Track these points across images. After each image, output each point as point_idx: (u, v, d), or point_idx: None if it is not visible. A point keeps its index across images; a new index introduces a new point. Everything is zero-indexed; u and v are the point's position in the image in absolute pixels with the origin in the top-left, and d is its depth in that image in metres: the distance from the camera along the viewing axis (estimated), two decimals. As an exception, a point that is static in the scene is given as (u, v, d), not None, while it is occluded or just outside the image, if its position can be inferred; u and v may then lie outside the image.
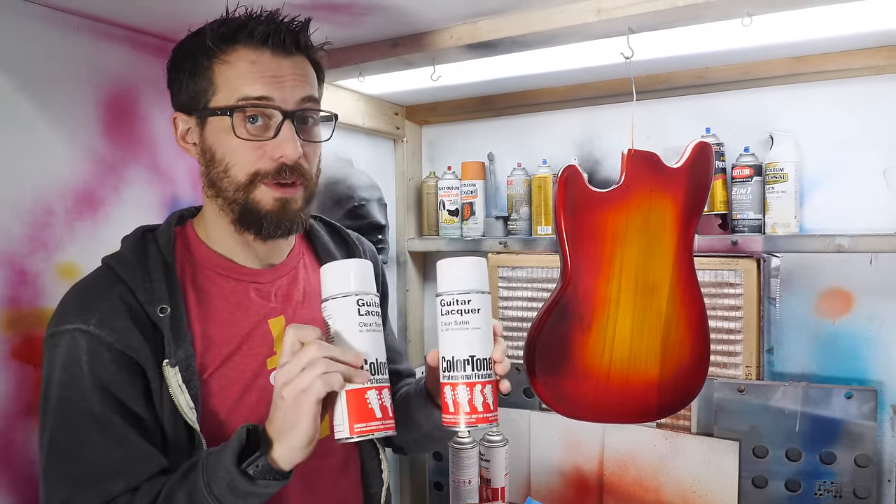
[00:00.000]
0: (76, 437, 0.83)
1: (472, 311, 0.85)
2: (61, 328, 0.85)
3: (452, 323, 0.85)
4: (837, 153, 1.56)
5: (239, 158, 0.89)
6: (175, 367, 0.86)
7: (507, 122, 1.96)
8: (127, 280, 0.88)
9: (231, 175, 0.90)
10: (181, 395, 0.85)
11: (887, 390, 1.51)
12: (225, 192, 0.91)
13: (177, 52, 0.94)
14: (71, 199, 1.15)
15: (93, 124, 1.19)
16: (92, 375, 0.83)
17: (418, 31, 1.32)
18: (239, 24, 0.89)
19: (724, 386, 1.49)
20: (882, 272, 1.53)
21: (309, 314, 1.02)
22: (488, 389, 0.85)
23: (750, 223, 1.54)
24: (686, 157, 1.19)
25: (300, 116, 0.91)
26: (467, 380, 0.84)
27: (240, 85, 0.88)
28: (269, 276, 0.99)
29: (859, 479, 1.40)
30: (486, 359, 0.85)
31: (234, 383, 0.92)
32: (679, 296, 1.19)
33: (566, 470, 1.66)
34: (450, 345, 0.85)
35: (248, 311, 0.96)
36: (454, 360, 0.85)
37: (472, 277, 0.86)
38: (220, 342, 0.92)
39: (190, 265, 0.95)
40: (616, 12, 1.15)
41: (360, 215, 1.64)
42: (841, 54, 1.47)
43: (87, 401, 0.83)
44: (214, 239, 0.96)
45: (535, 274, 1.76)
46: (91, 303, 0.86)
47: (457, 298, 0.84)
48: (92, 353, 0.84)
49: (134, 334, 0.85)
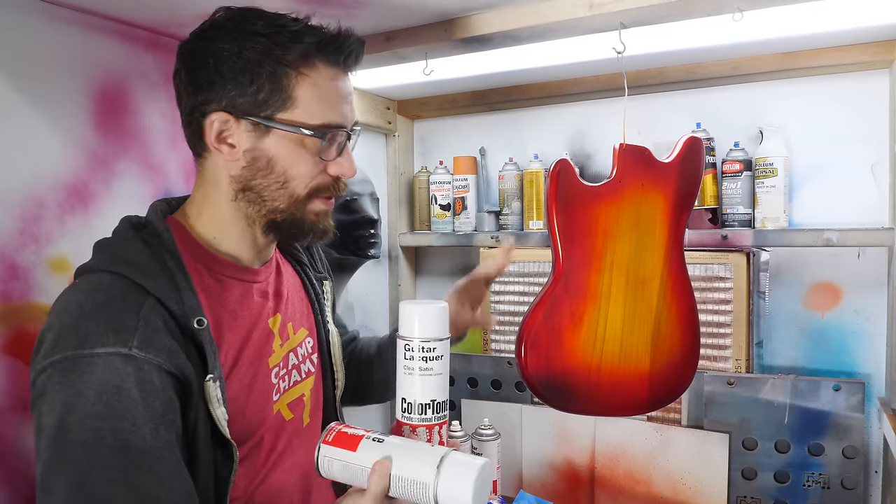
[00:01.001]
0: (110, 475, 0.74)
1: (434, 358, 0.87)
2: (88, 352, 0.75)
3: (416, 369, 0.87)
4: (826, 148, 1.57)
5: (301, 173, 0.89)
6: (216, 381, 0.83)
7: (499, 116, 1.96)
8: (153, 291, 0.80)
9: (290, 188, 0.89)
10: (219, 409, 0.83)
11: (874, 383, 1.53)
12: (273, 202, 0.89)
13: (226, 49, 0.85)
14: (62, 193, 1.14)
15: (84, 117, 1.18)
16: (143, 404, 0.75)
17: (411, 24, 1.32)
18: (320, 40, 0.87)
19: (714, 379, 1.50)
20: (870, 266, 1.54)
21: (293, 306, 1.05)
22: (444, 429, 0.90)
23: (740, 217, 1.55)
24: (677, 152, 1.19)
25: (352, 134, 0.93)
26: (426, 422, 0.88)
27: (324, 108, 0.88)
28: (264, 274, 0.99)
29: (847, 471, 1.41)
30: (444, 402, 0.89)
31: (243, 386, 0.91)
32: (670, 289, 1.20)
33: (558, 463, 1.67)
34: (410, 389, 0.88)
35: (254, 313, 0.95)
36: (415, 403, 0.88)
37: (436, 326, 0.88)
38: (232, 347, 0.90)
39: (196, 268, 0.89)
40: (608, 7, 1.16)
41: (353, 210, 1.64)
42: (831, 50, 1.48)
43: (131, 433, 0.75)
44: (224, 241, 0.93)
45: (527, 268, 1.77)
46: (123, 321, 0.77)
47: (421, 346, 0.87)
48: (141, 378, 0.76)
49: (179, 353, 0.80)
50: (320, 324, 1.10)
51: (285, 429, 0.98)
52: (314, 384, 1.07)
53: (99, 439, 0.74)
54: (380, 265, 2.02)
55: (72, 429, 0.74)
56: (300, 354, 1.03)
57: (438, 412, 0.88)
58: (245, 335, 0.92)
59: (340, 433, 0.84)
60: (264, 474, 0.95)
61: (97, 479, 0.74)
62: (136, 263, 0.83)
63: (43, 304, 1.10)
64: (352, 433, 0.83)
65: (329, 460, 0.82)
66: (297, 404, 1.01)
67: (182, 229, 0.92)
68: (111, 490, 0.74)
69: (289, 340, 1.01)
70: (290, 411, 1.00)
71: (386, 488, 0.77)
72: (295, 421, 1.00)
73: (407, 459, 0.79)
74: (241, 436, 0.89)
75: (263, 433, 0.94)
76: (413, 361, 0.87)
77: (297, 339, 1.03)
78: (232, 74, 0.85)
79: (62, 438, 0.74)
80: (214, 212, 0.92)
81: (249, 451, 0.93)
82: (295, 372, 1.02)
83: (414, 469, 0.78)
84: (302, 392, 1.03)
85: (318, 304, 1.11)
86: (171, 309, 0.81)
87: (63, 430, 0.74)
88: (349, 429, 0.84)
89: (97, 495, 0.74)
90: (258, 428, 0.93)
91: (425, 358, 0.87)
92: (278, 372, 0.97)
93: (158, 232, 0.87)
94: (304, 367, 1.04)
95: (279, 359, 0.98)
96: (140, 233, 0.88)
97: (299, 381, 1.02)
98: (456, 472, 0.77)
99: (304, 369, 1.04)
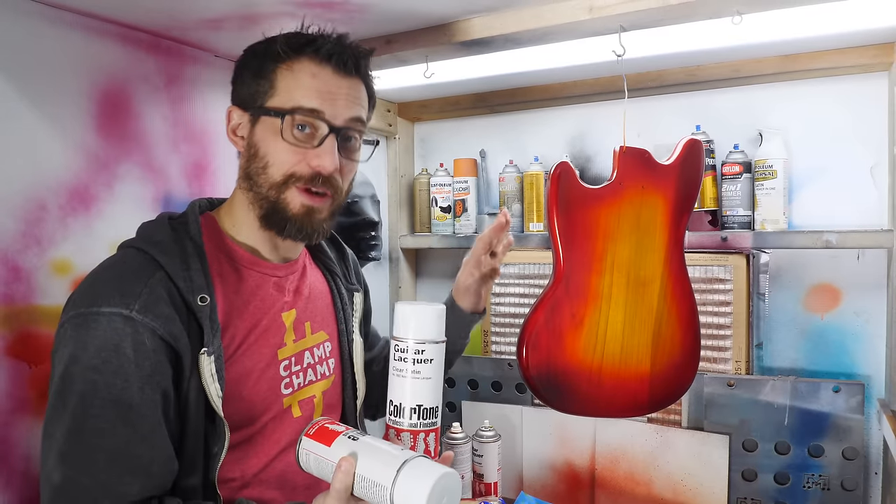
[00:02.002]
0: (100, 425, 0.81)
1: (425, 360, 0.87)
2: (95, 310, 0.83)
3: (405, 371, 0.87)
4: (826, 150, 1.57)
5: (279, 159, 0.94)
6: (211, 356, 0.88)
7: (499, 119, 1.97)
8: (166, 266, 0.88)
9: (268, 172, 0.95)
10: (212, 385, 0.88)
11: (874, 384, 1.53)
12: (259, 188, 0.96)
13: (247, 53, 1.00)
14: (64, 196, 1.14)
15: (86, 120, 1.18)
16: (135, 363, 0.83)
17: (412, 28, 1.33)
18: (309, 39, 0.95)
19: (714, 380, 1.50)
20: (869, 268, 1.54)
21: (315, 308, 1.09)
22: (431, 437, 0.89)
23: (739, 219, 1.56)
24: (677, 155, 1.20)
25: (345, 134, 0.97)
26: (412, 427, 0.87)
27: (297, 93, 0.93)
28: (285, 271, 1.04)
29: (847, 472, 1.42)
30: (433, 408, 0.88)
31: (249, 371, 0.96)
32: (670, 291, 1.20)
33: (558, 464, 1.68)
34: (399, 391, 0.88)
35: (267, 304, 1.00)
36: (401, 406, 0.88)
37: (429, 328, 0.88)
38: (241, 332, 0.95)
39: (217, 256, 0.97)
40: (608, 10, 1.16)
41: (354, 212, 1.65)
42: (830, 52, 1.48)
43: (122, 388, 0.82)
44: (241, 231, 1.00)
45: (527, 270, 1.77)
46: (131, 287, 0.85)
47: (411, 347, 0.87)
48: (135, 339, 0.83)
49: (175, 322, 0.86)
50: (343, 332, 1.14)
51: (291, 425, 1.01)
52: (330, 388, 1.10)
53: (94, 391, 0.81)
54: (380, 267, 2.02)
55: (74, 379, 0.82)
56: (316, 356, 1.07)
57: (425, 418, 0.87)
58: (254, 322, 0.97)
59: (322, 428, 0.84)
60: (267, 462, 0.98)
61: (89, 428, 0.81)
62: (158, 242, 0.91)
63: (45, 306, 1.10)
64: (332, 429, 0.84)
65: (307, 453, 0.84)
66: (307, 403, 1.04)
67: (213, 223, 1.01)
68: (99, 439, 0.81)
69: (304, 338, 1.05)
70: (300, 409, 1.03)
71: (349, 486, 0.79)
72: (303, 420, 1.03)
73: (371, 460, 0.78)
74: (239, 418, 0.93)
75: (267, 422, 0.98)
76: (405, 364, 0.87)
77: (314, 340, 1.07)
78: (240, 72, 0.99)
79: (65, 388, 0.82)
80: (232, 203, 1.02)
81: (252, 436, 0.97)
82: (310, 371, 1.05)
83: (375, 470, 0.77)
84: (314, 393, 1.06)
85: (343, 312, 1.14)
86: (179, 285, 0.88)
87: (66, 379, 0.82)
88: (332, 425, 0.84)
89: (88, 442, 0.81)
90: (261, 415, 0.97)
91: (416, 360, 0.87)
92: (289, 366, 1.01)
93: (187, 222, 0.96)
94: (321, 368, 1.07)
95: (291, 353, 1.02)
96: (171, 221, 0.97)
97: (314, 381, 1.06)
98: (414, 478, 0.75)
99: (319, 371, 1.07)
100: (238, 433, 0.94)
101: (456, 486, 0.79)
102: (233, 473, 0.95)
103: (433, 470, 0.76)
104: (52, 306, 1.11)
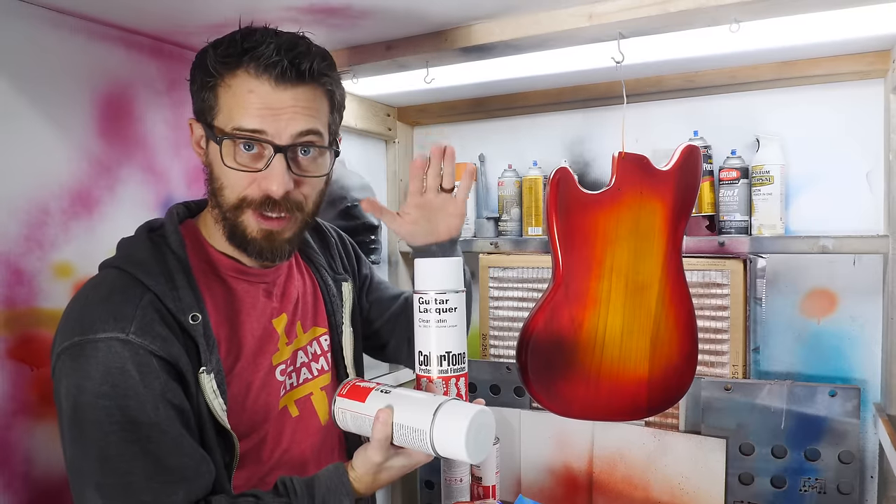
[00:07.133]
0: (125, 449, 0.80)
1: (450, 309, 0.90)
2: (91, 337, 0.80)
3: (430, 321, 0.90)
4: (822, 156, 1.58)
5: (230, 182, 0.90)
6: (210, 373, 0.87)
7: (498, 123, 1.98)
8: (153, 287, 0.85)
9: (224, 195, 0.91)
10: (215, 400, 0.87)
11: (870, 388, 1.54)
12: (220, 208, 0.92)
13: (193, 63, 0.93)
14: (66, 199, 1.15)
15: (88, 124, 1.19)
16: (143, 384, 0.81)
17: (412, 34, 1.34)
18: (244, 49, 0.87)
19: (712, 384, 1.51)
20: (865, 273, 1.56)
21: (305, 307, 1.07)
22: (462, 382, 0.92)
23: (737, 224, 1.57)
24: (675, 160, 1.21)
25: (293, 151, 0.90)
26: (443, 374, 0.90)
27: (236, 113, 0.87)
28: (272, 276, 1.02)
29: (843, 476, 1.43)
30: (461, 353, 0.91)
31: (249, 382, 0.95)
32: (668, 295, 1.21)
33: (556, 468, 1.68)
34: (426, 341, 0.91)
35: (258, 312, 0.98)
36: (431, 355, 0.90)
37: (450, 277, 0.91)
38: (237, 344, 0.94)
39: (202, 268, 0.94)
40: (607, 17, 1.17)
41: (353, 216, 1.65)
42: (826, 59, 1.50)
43: (137, 409, 0.80)
44: (218, 241, 0.96)
45: (526, 274, 1.78)
46: (123, 310, 0.82)
47: (435, 297, 0.89)
48: (138, 362, 0.81)
49: (174, 343, 0.84)
50: (334, 325, 1.11)
51: (289, 425, 1.01)
52: (329, 383, 1.09)
53: (109, 417, 0.79)
54: (379, 270, 2.02)
55: (85, 409, 0.80)
56: (310, 353, 1.06)
57: (454, 364, 0.90)
58: (247, 333, 0.96)
59: (354, 386, 0.89)
60: (268, 468, 0.98)
61: (115, 455, 0.79)
62: (140, 262, 0.88)
63: (47, 309, 1.11)
64: (364, 386, 0.88)
65: (343, 412, 0.87)
66: (304, 402, 1.04)
67: (195, 232, 0.97)
68: (130, 463, 0.79)
69: (297, 339, 1.04)
70: (297, 408, 1.02)
71: (388, 436, 0.81)
72: (301, 418, 1.02)
73: (407, 408, 0.82)
74: (244, 429, 0.93)
75: (268, 429, 0.97)
76: (428, 314, 0.90)
77: (306, 339, 1.06)
78: (191, 83, 0.93)
79: (78, 420, 0.80)
80: (207, 216, 0.98)
81: (255, 445, 0.96)
82: (304, 370, 1.04)
83: (413, 417, 0.81)
84: (311, 390, 1.05)
85: (332, 305, 1.11)
86: (168, 305, 0.85)
87: (78, 411, 0.80)
88: (363, 383, 0.89)
89: (119, 468, 0.79)
90: (262, 423, 0.96)
91: (440, 310, 0.89)
92: (284, 369, 1.00)
93: (167, 234, 0.93)
94: (316, 365, 1.07)
95: (285, 357, 1.01)
96: (151, 234, 0.93)
97: (310, 379, 1.05)
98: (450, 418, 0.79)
99: (315, 368, 1.06)
100: (245, 442, 0.93)
101: (490, 423, 0.83)
102: (238, 481, 0.94)
103: (468, 409, 0.80)
104: (54, 309, 1.11)
